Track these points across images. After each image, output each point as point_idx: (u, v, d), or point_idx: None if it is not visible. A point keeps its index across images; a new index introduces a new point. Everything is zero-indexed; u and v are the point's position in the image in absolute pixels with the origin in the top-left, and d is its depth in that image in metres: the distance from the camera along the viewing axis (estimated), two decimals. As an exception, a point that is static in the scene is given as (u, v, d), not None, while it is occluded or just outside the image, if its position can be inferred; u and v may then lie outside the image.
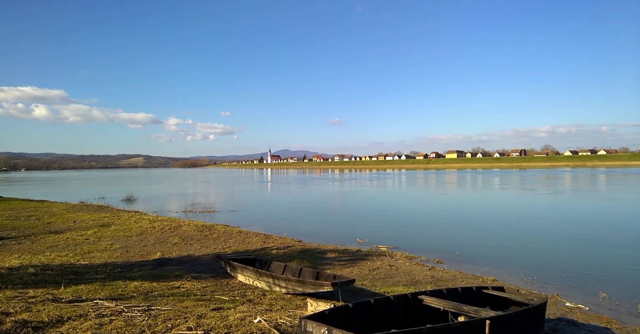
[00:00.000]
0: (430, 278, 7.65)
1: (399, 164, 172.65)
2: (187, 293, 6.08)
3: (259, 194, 35.56)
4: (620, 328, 5.33)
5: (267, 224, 15.70)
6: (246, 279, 6.94)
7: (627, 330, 5.26)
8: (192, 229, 13.07)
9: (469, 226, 14.74)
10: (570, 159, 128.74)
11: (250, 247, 10.33)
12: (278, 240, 11.55)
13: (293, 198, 29.66)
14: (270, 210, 22.28)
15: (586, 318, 5.75)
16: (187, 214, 19.61)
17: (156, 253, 9.58)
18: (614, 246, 10.79)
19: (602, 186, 34.89)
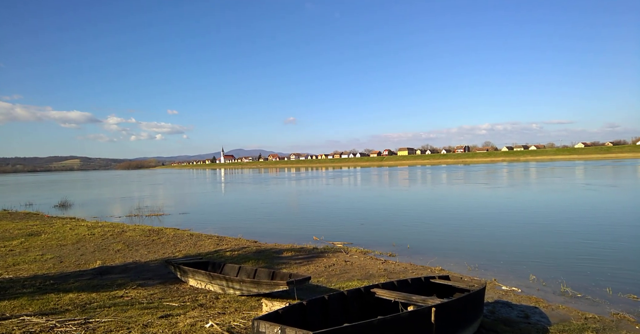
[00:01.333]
0: (383, 271, 7.91)
1: (354, 162, 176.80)
2: (132, 302, 5.70)
3: (212, 195, 34.33)
4: (546, 306, 5.93)
5: (221, 226, 15.22)
6: (198, 284, 6.68)
7: (552, 307, 5.86)
8: (138, 234, 12.27)
9: (419, 219, 15.49)
10: (507, 155, 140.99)
11: (203, 251, 9.95)
12: (232, 242, 11.25)
13: (248, 198, 29.08)
14: (224, 211, 21.63)
15: (519, 299, 6.31)
16: (132, 219, 18.37)
17: (96, 261, 8.85)
18: (546, 233, 11.90)
19: (535, 179, 38.53)
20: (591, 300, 6.21)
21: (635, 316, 5.42)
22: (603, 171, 46.69)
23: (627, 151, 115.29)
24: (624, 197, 20.22)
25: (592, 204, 18.01)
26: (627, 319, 5.32)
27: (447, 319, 4.16)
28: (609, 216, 14.48)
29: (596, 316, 5.41)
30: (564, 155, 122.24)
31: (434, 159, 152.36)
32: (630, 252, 9.21)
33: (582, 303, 6.12)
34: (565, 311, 5.68)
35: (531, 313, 5.62)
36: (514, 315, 5.57)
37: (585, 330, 4.86)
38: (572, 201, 19.27)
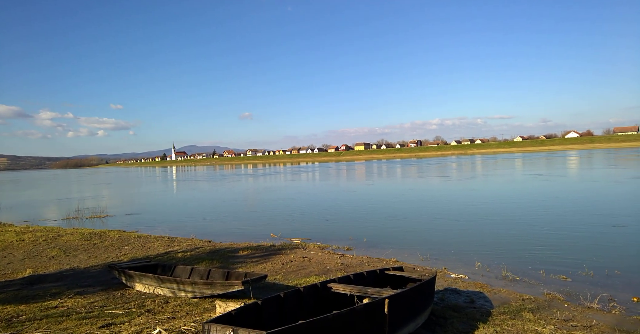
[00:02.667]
0: (341, 265, 7.99)
1: (312, 157, 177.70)
2: (68, 312, 5.19)
3: (162, 195, 32.57)
4: (490, 290, 6.35)
5: (171, 226, 14.47)
6: (145, 288, 6.26)
7: (494, 291, 6.29)
8: (77, 238, 11.25)
9: (376, 213, 15.91)
10: (456, 148, 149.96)
11: (152, 253, 9.37)
12: (184, 242, 10.72)
13: (202, 197, 27.98)
14: (176, 211, 20.59)
15: (466, 285, 6.69)
16: (70, 222, 16.84)
17: (25, 270, 7.97)
18: (493, 222, 12.73)
19: (482, 171, 41.32)
20: (528, 282, 6.76)
21: (563, 295, 5.98)
22: (540, 162, 51.32)
23: (558, 143, 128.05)
24: (563, 187, 22.35)
25: (533, 193, 19.68)
26: (557, 298, 5.86)
27: (400, 309, 4.28)
28: (549, 205, 15.88)
29: (532, 297, 5.89)
30: (505, 148, 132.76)
31: (389, 153, 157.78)
32: (563, 236, 10.14)
33: (520, 285, 6.63)
34: (505, 294, 6.12)
35: (476, 298, 5.98)
36: (461, 301, 5.89)
37: (522, 310, 5.27)
38: (516, 191, 20.91)
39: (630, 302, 5.60)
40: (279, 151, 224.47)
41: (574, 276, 6.91)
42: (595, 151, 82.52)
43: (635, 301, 5.64)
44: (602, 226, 10.98)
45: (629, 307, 5.36)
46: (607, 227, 10.87)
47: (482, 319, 4.97)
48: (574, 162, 48.50)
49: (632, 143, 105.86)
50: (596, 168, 35.78)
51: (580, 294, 5.86)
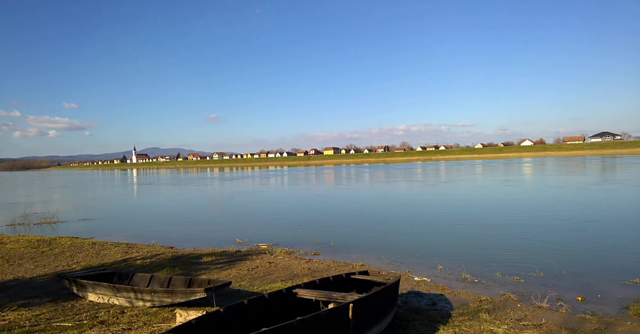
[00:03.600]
0: (307, 270, 7.97)
1: (281, 161, 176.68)
2: (10, 327, 4.77)
3: (120, 199, 30.94)
4: (450, 292, 6.58)
5: (131, 232, 13.76)
6: (99, 298, 5.89)
7: (455, 293, 6.53)
8: (23, 246, 10.40)
9: (344, 217, 16.04)
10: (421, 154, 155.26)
11: (108, 261, 8.84)
12: (144, 249, 10.22)
13: (164, 201, 26.91)
14: (135, 216, 19.61)
15: (428, 288, 6.89)
16: (15, 228, 15.54)
17: (-39, 281, 7.24)
18: (456, 225, 13.24)
19: (446, 177, 42.95)
20: (485, 284, 7.08)
21: (517, 295, 6.32)
22: (500, 169, 54.24)
23: (514, 151, 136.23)
24: (522, 192, 23.70)
25: (495, 198, 20.71)
26: (511, 298, 6.18)
27: (364, 314, 4.33)
28: (508, 209, 16.77)
29: (488, 298, 6.17)
30: (467, 154, 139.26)
31: (357, 158, 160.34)
32: (519, 239, 10.72)
33: (478, 287, 6.93)
34: (464, 296, 6.37)
35: (438, 300, 6.18)
36: (424, 303, 6.06)
37: (479, 311, 5.50)
38: (479, 196, 21.90)
39: (575, 301, 6.03)
40: (246, 155, 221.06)
41: (527, 277, 7.33)
42: (547, 159, 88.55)
43: (580, 300, 6.08)
44: (554, 229, 11.75)
45: (574, 306, 5.77)
46: (559, 230, 11.65)
47: (442, 321, 5.14)
48: (529, 169, 51.70)
49: (579, 151, 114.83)
50: (551, 175, 38.37)
51: (532, 294, 6.23)
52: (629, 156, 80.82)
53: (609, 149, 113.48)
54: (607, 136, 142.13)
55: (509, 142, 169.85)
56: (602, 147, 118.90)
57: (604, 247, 9.40)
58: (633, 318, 5.18)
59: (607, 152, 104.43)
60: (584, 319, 5.17)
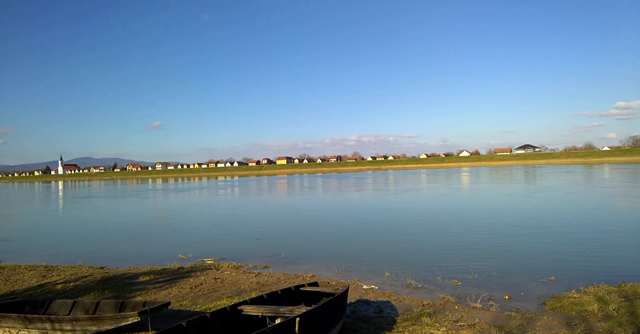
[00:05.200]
0: (256, 285, 7.76)
1: (232, 171, 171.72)
2: None
3: (39, 215, 27.70)
4: (396, 299, 6.82)
5: (51, 253, 12.32)
6: (6, 332, 5.15)
7: (400, 299, 6.78)
8: None
9: (295, 228, 15.95)
10: (372, 164, 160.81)
11: (20, 287, 7.82)
12: (67, 271, 9.20)
13: (95, 216, 24.59)
14: (57, 234, 17.54)
15: (376, 295, 7.07)
16: None
17: None
18: (402, 233, 13.77)
19: (394, 186, 44.79)
20: (428, 288, 7.45)
21: (455, 298, 6.74)
22: (442, 177, 57.86)
23: (454, 161, 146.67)
24: (462, 200, 25.42)
25: (439, 206, 22.00)
26: (450, 301, 6.58)
27: (312, 326, 4.31)
28: (449, 216, 17.88)
29: (430, 302, 6.50)
30: (413, 164, 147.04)
31: (310, 167, 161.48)
32: (459, 244, 11.47)
33: (421, 292, 7.28)
34: (409, 301, 6.64)
35: (384, 307, 6.36)
36: (371, 311, 6.20)
37: (421, 315, 5.77)
38: (424, 204, 23.11)
39: (504, 300, 6.59)
40: (194, 164, 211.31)
41: (464, 280, 7.86)
42: (482, 168, 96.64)
43: (507, 298, 6.65)
44: (489, 234, 12.77)
45: (502, 304, 6.30)
46: (493, 235, 12.69)
47: (388, 327, 5.30)
48: (467, 178, 55.91)
49: (507, 162, 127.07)
50: (486, 184, 41.82)
51: (467, 296, 6.68)
52: (546, 165, 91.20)
53: (531, 160, 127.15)
54: (529, 148, 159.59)
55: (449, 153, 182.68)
56: (525, 158, 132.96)
57: (528, 250, 10.42)
58: (549, 313, 5.78)
59: (529, 163, 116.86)
60: (510, 316, 5.66)
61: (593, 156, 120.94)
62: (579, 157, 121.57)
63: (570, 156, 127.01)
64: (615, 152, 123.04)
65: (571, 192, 25.44)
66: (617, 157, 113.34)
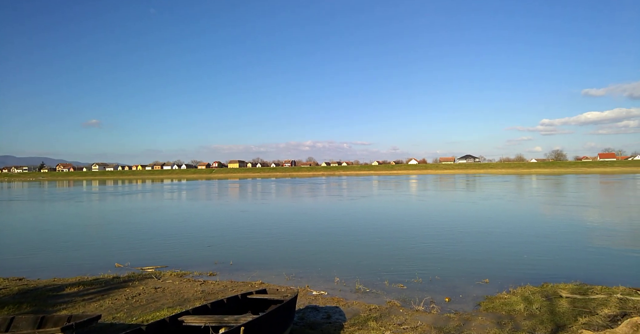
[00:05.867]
0: (201, 294, 7.40)
1: (179, 174, 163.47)
2: None
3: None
4: (345, 304, 6.89)
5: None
6: None
7: (348, 304, 6.86)
8: None
9: (245, 233, 15.51)
10: (326, 169, 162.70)
11: None
12: (-24, 284, 8.06)
13: (13, 222, 21.94)
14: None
15: (325, 301, 7.08)
16: None
17: None
18: (353, 238, 13.94)
19: (348, 192, 45.58)
20: (375, 293, 7.63)
21: (400, 301, 6.98)
22: (392, 184, 60.15)
23: (403, 169, 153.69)
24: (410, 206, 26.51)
25: (389, 211, 22.71)
26: (395, 304, 6.79)
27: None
28: (399, 221, 18.53)
29: (377, 306, 6.65)
30: (365, 171, 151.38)
31: (264, 172, 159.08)
32: (406, 248, 11.93)
33: (369, 296, 7.43)
34: (357, 306, 6.74)
35: (332, 313, 6.39)
36: (319, 317, 6.19)
37: (368, 320, 5.88)
38: (376, 209, 23.74)
39: (444, 302, 6.96)
40: (137, 166, 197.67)
41: (409, 284, 8.17)
42: (429, 176, 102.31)
43: (447, 300, 7.03)
44: (434, 239, 13.45)
45: (442, 306, 6.64)
46: (438, 239, 13.38)
47: (335, 333, 5.32)
48: (415, 185, 58.73)
49: (451, 170, 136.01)
50: (433, 190, 44.21)
51: (412, 299, 6.95)
52: (485, 175, 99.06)
53: (471, 169, 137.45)
54: (470, 158, 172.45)
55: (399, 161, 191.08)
56: (466, 167, 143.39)
57: (469, 254, 11.14)
58: (483, 313, 6.22)
59: (470, 172, 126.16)
60: (449, 317, 5.98)
61: (523, 167, 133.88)
62: (512, 167, 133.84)
63: (504, 166, 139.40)
64: (541, 164, 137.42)
65: (512, 201, 27.81)
66: (542, 168, 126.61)
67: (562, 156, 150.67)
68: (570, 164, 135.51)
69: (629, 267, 9.20)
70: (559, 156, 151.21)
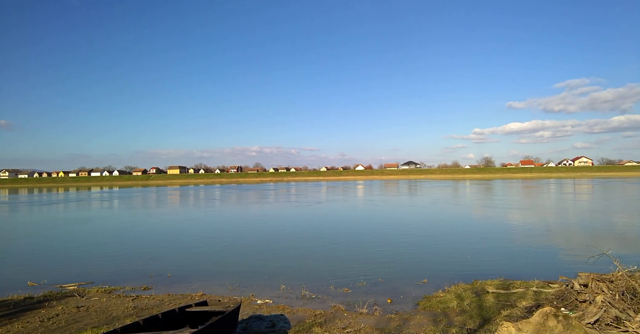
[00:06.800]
0: (132, 310, 6.78)
1: (111, 180, 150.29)
2: None
3: None
4: (290, 311, 6.78)
5: None
6: None
7: (294, 312, 6.76)
8: None
9: (185, 244, 14.63)
10: (274, 175, 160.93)
11: None
12: None
13: None
14: None
15: (270, 310, 6.91)
16: None
17: None
18: (299, 244, 13.82)
19: (296, 198, 45.40)
20: (321, 298, 7.62)
21: (345, 305, 7.05)
22: (339, 190, 61.26)
23: (351, 174, 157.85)
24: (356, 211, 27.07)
25: (335, 217, 22.95)
26: (340, 309, 6.85)
27: None
28: (345, 226, 18.79)
29: (322, 312, 6.65)
30: (313, 176, 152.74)
31: (208, 178, 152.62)
32: (352, 253, 12.14)
33: (314, 302, 7.40)
34: (302, 313, 6.67)
35: (277, 321, 6.24)
36: (263, 327, 6.01)
37: (313, 326, 5.84)
38: (322, 215, 23.85)
39: (386, 303, 7.18)
40: (58, 173, 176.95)
41: (354, 288, 8.31)
42: (374, 181, 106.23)
43: (389, 302, 7.27)
44: (378, 243, 13.88)
45: (384, 308, 6.85)
46: (384, 242, 13.83)
47: (279, 342, 5.18)
48: (362, 190, 60.52)
49: (395, 176, 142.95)
50: (381, 195, 45.83)
51: (356, 302, 7.07)
52: (426, 180, 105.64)
53: (413, 175, 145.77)
54: (412, 164, 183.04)
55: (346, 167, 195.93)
56: (409, 173, 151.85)
57: (410, 256, 11.67)
58: (421, 312, 6.53)
59: (412, 177, 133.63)
60: (391, 318, 6.18)
61: (458, 172, 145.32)
62: (449, 173, 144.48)
63: (442, 172, 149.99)
64: (474, 170, 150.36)
65: (458, 204, 29.84)
66: (474, 174, 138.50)
67: (491, 163, 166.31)
68: (497, 170, 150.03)
69: (543, 262, 10.34)
70: (489, 163, 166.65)
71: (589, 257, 7.08)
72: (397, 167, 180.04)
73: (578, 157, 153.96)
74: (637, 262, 7.01)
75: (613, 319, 4.48)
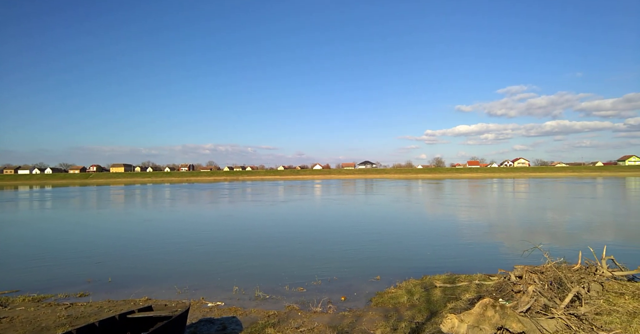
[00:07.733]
0: (65, 319, 6.18)
1: (43, 179, 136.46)
2: None
3: None
4: (242, 313, 6.59)
5: None
6: None
7: (246, 313, 6.58)
8: None
9: (127, 246, 13.69)
10: (228, 174, 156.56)
11: None
12: None
13: None
14: None
15: (221, 312, 6.66)
16: None
17: None
18: (252, 245, 13.53)
19: (252, 197, 44.47)
20: (275, 299, 7.50)
21: (299, 305, 7.01)
22: (299, 189, 61.12)
23: (308, 173, 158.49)
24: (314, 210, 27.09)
25: (291, 216, 22.77)
26: (294, 308, 6.79)
27: None
28: (302, 225, 18.70)
29: (276, 312, 6.54)
30: (270, 175, 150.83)
31: (156, 177, 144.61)
32: (307, 252, 12.12)
33: (268, 303, 7.26)
34: (255, 314, 6.51)
35: (229, 324, 6.03)
36: (214, 330, 5.77)
37: (266, 327, 5.72)
38: (277, 215, 23.56)
39: (340, 301, 7.25)
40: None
41: (309, 287, 8.29)
42: (332, 181, 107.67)
43: (343, 299, 7.36)
44: (336, 240, 14.00)
45: (338, 305, 6.91)
46: (339, 241, 13.96)
47: (230, 345, 5.00)
48: (319, 190, 60.94)
49: (352, 175, 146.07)
50: (337, 194, 46.39)
51: (310, 301, 7.05)
52: (382, 179, 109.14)
53: (370, 174, 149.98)
54: (368, 164, 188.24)
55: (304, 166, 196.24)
56: (365, 173, 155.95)
57: (364, 253, 11.92)
58: (374, 308, 6.69)
59: (369, 177, 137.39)
60: (344, 315, 6.25)
61: (412, 172, 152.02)
62: (403, 173, 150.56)
63: (397, 172, 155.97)
64: (425, 170, 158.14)
65: (411, 203, 31.00)
66: (426, 174, 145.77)
67: (442, 163, 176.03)
68: (447, 170, 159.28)
69: (486, 256, 11.10)
70: (439, 163, 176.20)
71: (524, 250, 7.71)
72: (354, 166, 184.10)
73: (517, 159, 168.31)
74: (564, 254, 7.76)
75: (542, 307, 4.91)
